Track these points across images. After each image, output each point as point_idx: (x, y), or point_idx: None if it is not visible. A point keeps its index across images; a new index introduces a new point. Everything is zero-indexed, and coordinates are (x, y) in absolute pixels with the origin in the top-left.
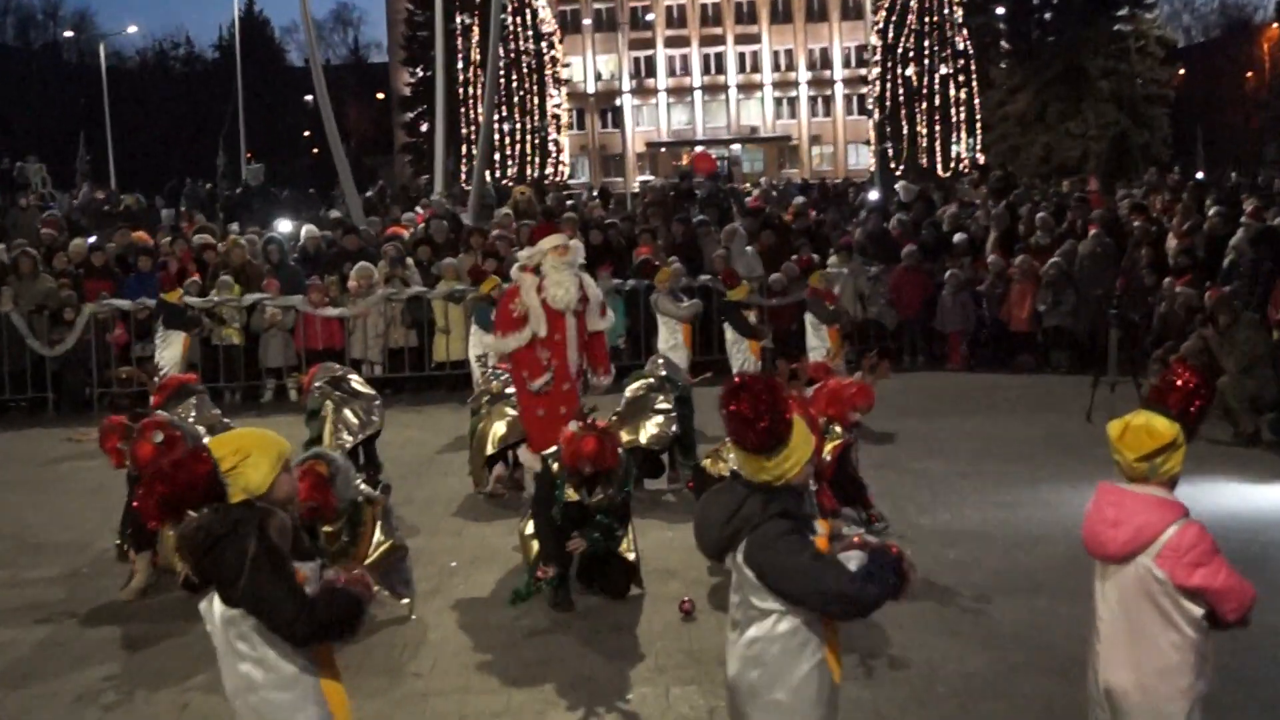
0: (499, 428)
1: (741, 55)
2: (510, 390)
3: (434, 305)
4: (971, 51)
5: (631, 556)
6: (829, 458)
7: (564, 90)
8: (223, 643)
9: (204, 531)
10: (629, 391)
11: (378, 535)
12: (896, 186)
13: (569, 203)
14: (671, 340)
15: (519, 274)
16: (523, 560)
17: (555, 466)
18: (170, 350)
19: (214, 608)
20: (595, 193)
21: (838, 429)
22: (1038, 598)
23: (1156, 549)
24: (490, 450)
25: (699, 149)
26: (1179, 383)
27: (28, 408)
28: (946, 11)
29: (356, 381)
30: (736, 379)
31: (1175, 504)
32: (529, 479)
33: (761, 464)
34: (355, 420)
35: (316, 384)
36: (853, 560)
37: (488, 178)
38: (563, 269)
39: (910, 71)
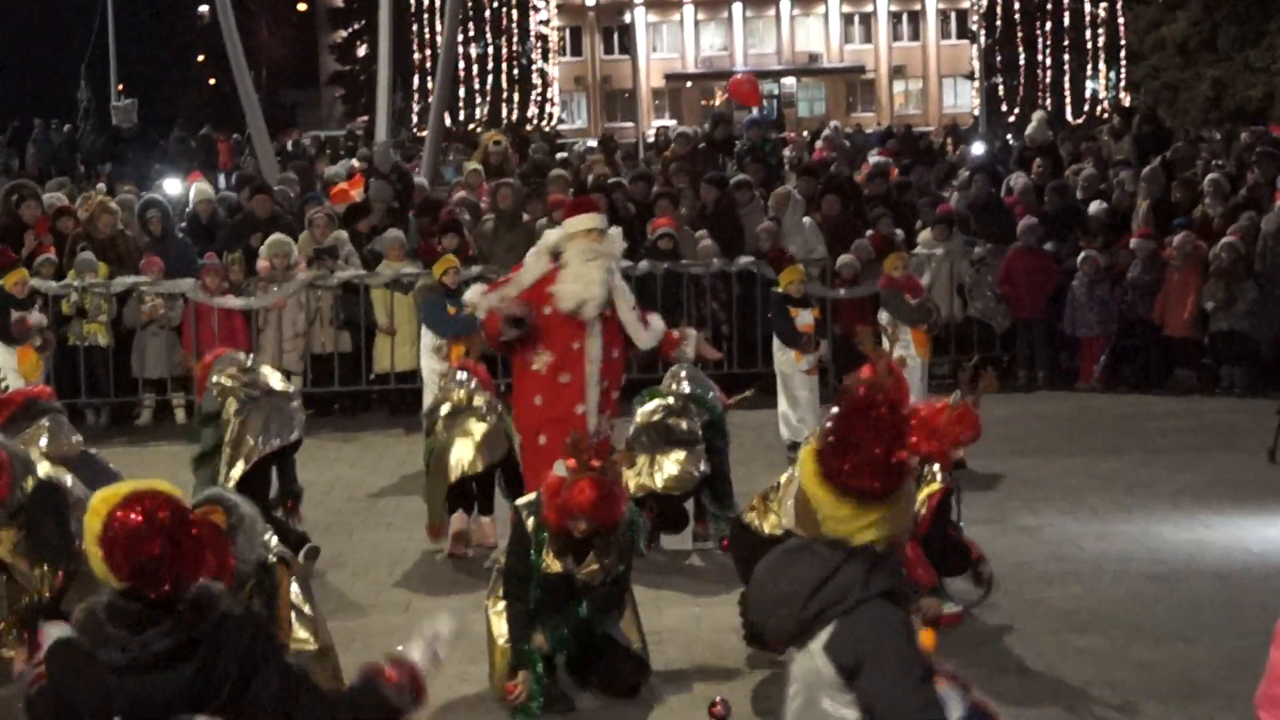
0: (463, 450)
1: None
2: (479, 401)
3: (374, 296)
4: None
5: (636, 644)
6: (924, 511)
7: (554, 3)
8: None
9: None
10: (640, 416)
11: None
12: (1031, 120)
13: (560, 155)
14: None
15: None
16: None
17: (531, 523)
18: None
19: None
20: (596, 142)
21: (935, 471)
22: (1202, 704)
23: None
24: (453, 478)
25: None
26: None
27: None
28: None
29: (270, 375)
30: (860, 389)
31: None
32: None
33: (873, 516)
34: (269, 426)
35: (215, 378)
36: (953, 706)
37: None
38: (592, 261)
39: None
